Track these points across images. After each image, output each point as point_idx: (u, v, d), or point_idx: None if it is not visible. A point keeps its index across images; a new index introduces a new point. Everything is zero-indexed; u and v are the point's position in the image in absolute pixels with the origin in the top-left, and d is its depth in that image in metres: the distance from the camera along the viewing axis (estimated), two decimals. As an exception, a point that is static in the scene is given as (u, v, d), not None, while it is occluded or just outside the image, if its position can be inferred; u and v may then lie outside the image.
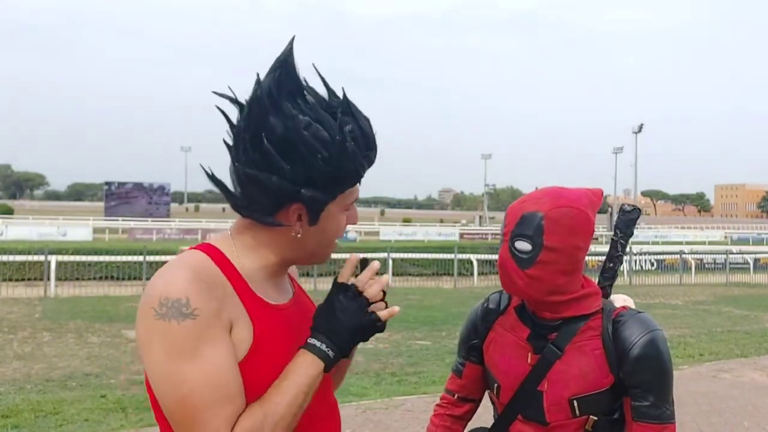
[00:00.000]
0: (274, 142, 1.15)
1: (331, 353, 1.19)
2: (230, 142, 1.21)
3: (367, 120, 1.24)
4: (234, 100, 1.21)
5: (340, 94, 1.23)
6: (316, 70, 1.21)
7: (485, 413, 1.83)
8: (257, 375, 1.15)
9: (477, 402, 1.80)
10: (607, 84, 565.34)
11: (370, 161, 1.25)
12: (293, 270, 1.41)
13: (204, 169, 1.23)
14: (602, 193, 1.59)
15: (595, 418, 1.54)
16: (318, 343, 1.19)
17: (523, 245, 1.50)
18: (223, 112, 1.21)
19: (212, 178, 1.22)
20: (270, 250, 1.23)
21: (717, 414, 6.07)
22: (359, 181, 1.26)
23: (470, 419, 1.81)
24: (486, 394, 1.76)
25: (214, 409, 1.09)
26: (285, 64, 1.19)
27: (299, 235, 1.21)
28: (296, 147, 1.15)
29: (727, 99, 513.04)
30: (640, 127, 68.52)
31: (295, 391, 1.15)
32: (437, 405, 1.82)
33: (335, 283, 1.27)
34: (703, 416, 5.95)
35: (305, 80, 1.22)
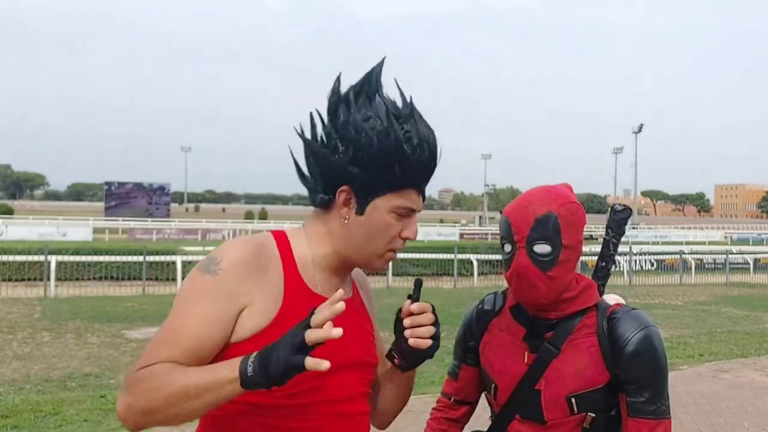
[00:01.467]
0: (336, 126, 1.33)
1: (251, 372, 1.10)
2: (306, 133, 1.38)
3: (430, 130, 1.36)
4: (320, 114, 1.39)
5: (410, 102, 1.37)
6: (396, 82, 1.38)
7: (483, 413, 1.83)
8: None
9: (473, 405, 1.79)
10: (607, 84, 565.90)
11: (424, 168, 1.35)
12: (363, 280, 1.53)
13: (291, 151, 1.41)
14: (571, 187, 1.62)
15: (593, 416, 1.54)
16: (251, 359, 1.12)
17: (543, 248, 1.51)
18: (317, 113, 1.38)
19: (294, 160, 1.41)
20: (325, 239, 1.37)
21: (717, 414, 6.06)
22: (415, 188, 1.35)
23: (467, 422, 1.81)
24: (483, 396, 1.76)
25: (165, 346, 1.24)
26: (371, 74, 1.37)
27: (346, 221, 1.34)
28: (351, 131, 1.31)
29: (727, 99, 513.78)
30: (640, 127, 68.59)
31: (197, 383, 1.14)
32: (433, 408, 1.81)
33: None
34: (703, 416, 5.95)
35: (387, 95, 1.37)
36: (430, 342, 1.35)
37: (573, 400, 1.53)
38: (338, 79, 1.37)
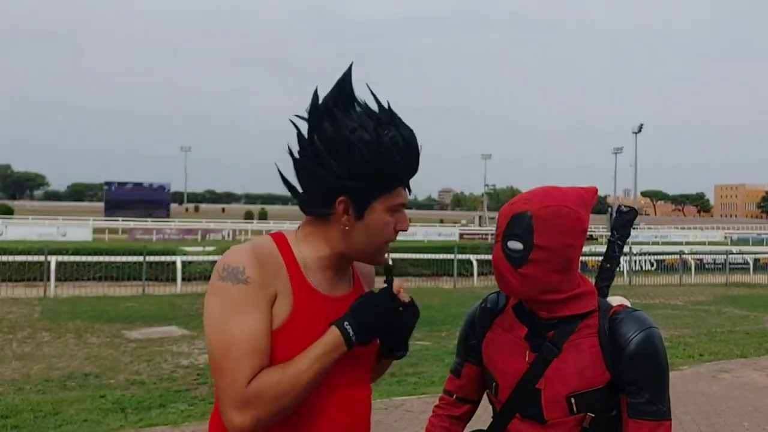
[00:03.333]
0: (324, 141, 1.38)
1: (352, 332, 1.36)
2: (295, 149, 1.44)
3: (410, 131, 1.43)
4: (305, 118, 1.43)
5: (387, 106, 1.43)
6: (369, 87, 1.44)
7: (484, 413, 1.83)
8: (285, 347, 1.35)
9: (476, 403, 1.80)
10: (607, 84, 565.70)
11: (411, 167, 1.43)
12: (369, 272, 1.63)
13: (278, 169, 1.46)
14: (596, 191, 1.59)
15: (593, 416, 1.54)
16: (344, 322, 1.37)
17: (514, 244, 1.52)
18: (294, 124, 1.43)
19: (283, 177, 1.46)
20: (325, 242, 1.44)
21: (717, 414, 6.06)
22: (402, 186, 1.44)
23: (469, 420, 1.81)
24: (485, 395, 1.76)
25: (246, 359, 1.30)
26: (343, 83, 1.42)
27: (347, 228, 1.41)
28: (342, 147, 1.37)
29: (727, 99, 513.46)
30: (640, 127, 68.54)
31: (313, 362, 1.33)
32: (436, 406, 1.82)
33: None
34: (703, 416, 5.95)
35: (364, 100, 1.43)
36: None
37: (573, 400, 1.53)
38: (315, 94, 1.42)
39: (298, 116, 1.45)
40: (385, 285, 1.45)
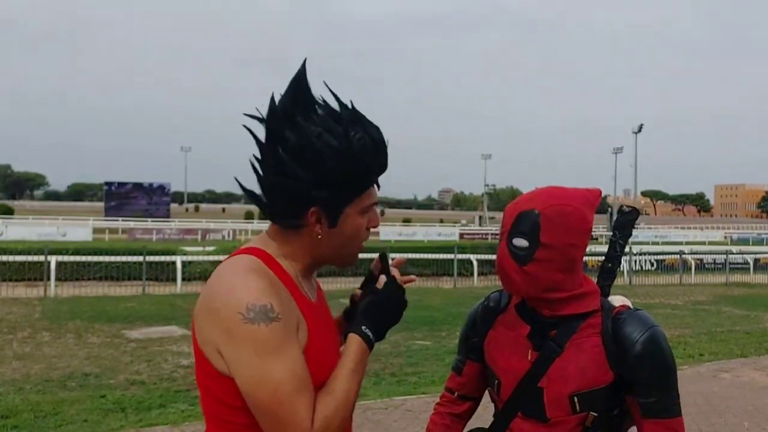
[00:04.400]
0: (288, 150, 1.29)
1: (371, 335, 1.36)
2: (257, 158, 1.34)
3: (376, 128, 1.35)
4: (261, 120, 1.34)
5: (350, 105, 1.35)
6: (327, 86, 1.34)
7: (485, 413, 1.83)
8: (310, 368, 1.29)
9: (477, 400, 1.80)
10: (607, 84, 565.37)
11: (381, 166, 1.37)
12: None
13: (238, 182, 1.38)
14: (600, 193, 1.59)
15: (595, 415, 1.54)
16: (362, 327, 1.36)
17: (520, 242, 1.53)
18: (251, 131, 1.34)
19: (245, 189, 1.37)
20: (304, 252, 1.37)
21: (717, 414, 6.06)
22: (373, 185, 1.37)
23: (470, 418, 1.81)
24: (486, 393, 1.77)
25: (300, 398, 1.23)
26: (298, 83, 1.32)
27: (320, 237, 1.34)
28: (308, 154, 1.28)
29: (727, 99, 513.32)
30: (640, 127, 68.53)
31: (353, 376, 1.32)
32: (437, 404, 1.82)
33: (370, 278, 1.47)
34: (703, 416, 5.95)
35: (322, 97, 1.34)
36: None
37: (575, 399, 1.53)
38: (273, 99, 1.32)
39: (247, 115, 1.34)
40: (383, 275, 1.44)
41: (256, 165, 1.34)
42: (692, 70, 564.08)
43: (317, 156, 1.28)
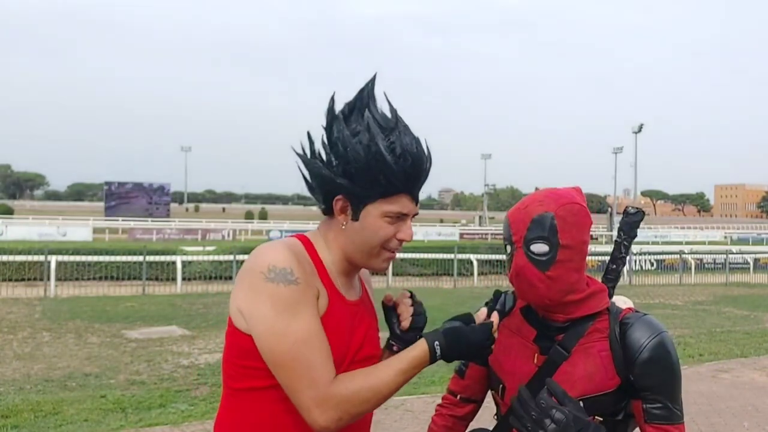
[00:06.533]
0: (330, 141, 1.45)
1: (439, 352, 1.39)
2: (306, 148, 1.49)
3: (415, 140, 1.46)
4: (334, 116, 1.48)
5: (395, 116, 1.47)
6: (386, 97, 1.48)
7: (486, 414, 1.83)
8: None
9: (479, 403, 1.80)
10: (607, 84, 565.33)
11: (410, 176, 1.44)
12: (368, 278, 1.66)
13: (300, 168, 1.50)
14: (581, 189, 1.62)
15: (600, 419, 1.54)
16: (435, 341, 1.39)
17: (540, 247, 1.51)
18: (308, 134, 1.50)
19: (305, 177, 1.51)
20: (335, 245, 1.48)
21: (717, 414, 6.06)
22: (402, 195, 1.44)
23: (472, 420, 1.81)
24: (489, 395, 1.76)
25: (317, 355, 1.32)
26: (362, 90, 1.48)
27: (344, 226, 1.45)
28: (342, 148, 1.42)
29: (727, 99, 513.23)
30: (640, 127, 68.43)
31: (399, 375, 1.37)
32: (439, 405, 1.82)
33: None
34: (703, 416, 5.95)
35: (381, 109, 1.47)
36: (410, 319, 1.53)
37: (581, 404, 1.52)
38: (332, 99, 1.47)
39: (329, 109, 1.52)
40: (486, 319, 1.48)
41: (308, 151, 1.49)
42: (692, 70, 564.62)
43: (345, 150, 1.41)
